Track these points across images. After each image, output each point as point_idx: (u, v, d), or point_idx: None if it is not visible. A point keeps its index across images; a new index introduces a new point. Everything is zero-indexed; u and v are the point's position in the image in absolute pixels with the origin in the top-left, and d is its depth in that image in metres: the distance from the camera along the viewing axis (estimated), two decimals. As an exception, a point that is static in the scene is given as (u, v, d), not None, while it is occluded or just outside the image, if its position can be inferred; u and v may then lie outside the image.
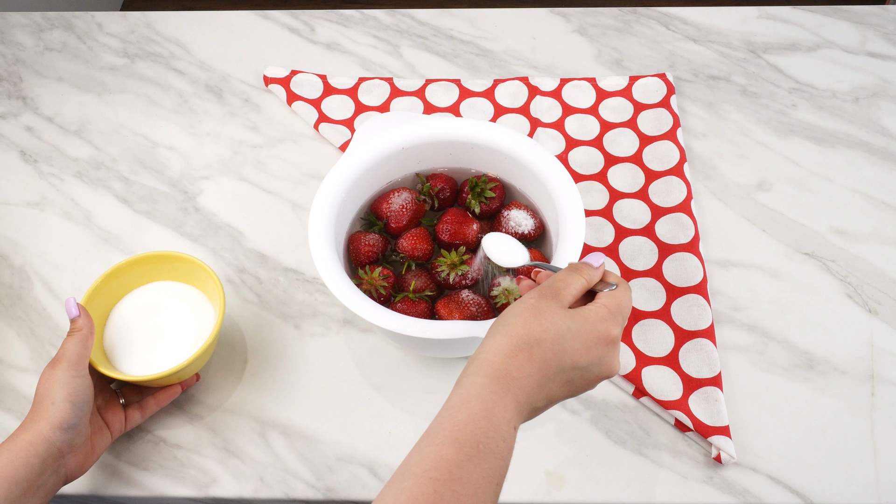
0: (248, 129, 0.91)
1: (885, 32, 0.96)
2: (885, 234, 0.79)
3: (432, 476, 0.41)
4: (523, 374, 0.46)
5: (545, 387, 0.47)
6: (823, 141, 0.86)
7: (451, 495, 0.41)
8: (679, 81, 0.92)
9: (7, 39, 1.01)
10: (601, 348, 0.49)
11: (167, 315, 0.70)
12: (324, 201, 0.67)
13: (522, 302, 0.50)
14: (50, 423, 0.58)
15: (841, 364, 0.71)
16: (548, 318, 0.48)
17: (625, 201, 0.81)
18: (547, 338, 0.47)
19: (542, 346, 0.47)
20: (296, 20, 1.01)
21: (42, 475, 0.57)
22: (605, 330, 0.49)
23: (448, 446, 0.43)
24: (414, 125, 0.71)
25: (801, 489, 0.64)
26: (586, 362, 0.48)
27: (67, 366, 0.60)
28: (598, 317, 0.49)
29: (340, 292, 0.61)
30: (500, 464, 0.44)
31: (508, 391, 0.46)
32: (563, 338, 0.48)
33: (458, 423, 0.44)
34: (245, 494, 0.66)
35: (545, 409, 0.49)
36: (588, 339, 0.48)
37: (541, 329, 0.48)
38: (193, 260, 0.69)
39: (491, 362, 0.47)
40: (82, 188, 0.86)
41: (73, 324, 0.63)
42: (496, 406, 0.45)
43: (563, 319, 0.48)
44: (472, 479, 0.42)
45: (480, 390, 0.45)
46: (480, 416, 0.44)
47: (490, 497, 0.42)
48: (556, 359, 0.47)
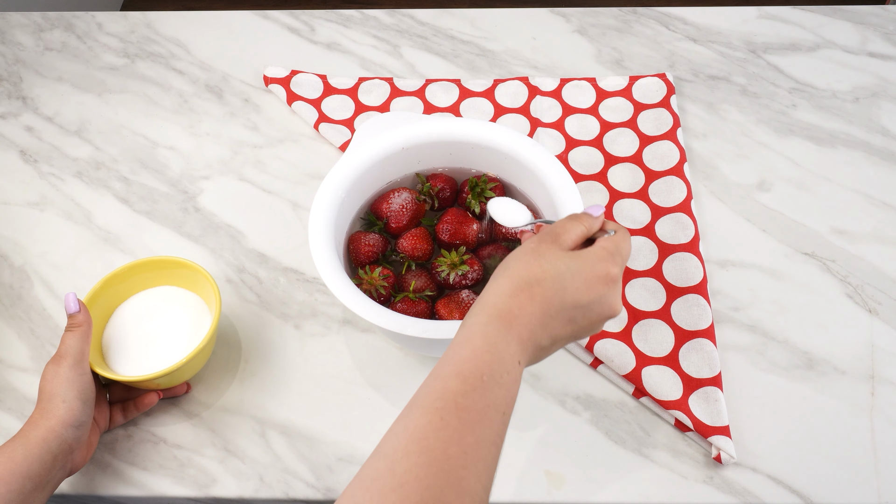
0: (248, 129, 0.91)
1: (885, 32, 0.96)
2: (885, 234, 0.79)
3: (438, 406, 0.42)
4: (525, 312, 0.47)
5: (548, 325, 0.48)
6: (823, 141, 0.86)
7: (458, 422, 0.42)
8: (679, 81, 0.92)
9: (7, 39, 1.01)
10: (601, 287, 0.49)
11: (164, 320, 0.70)
12: (324, 201, 0.67)
13: (523, 247, 0.51)
14: (61, 421, 0.59)
15: (841, 364, 0.71)
16: (547, 258, 0.49)
17: (625, 201, 0.81)
18: (547, 277, 0.48)
19: (543, 285, 0.48)
20: (296, 20, 1.01)
21: (52, 470, 0.58)
22: (604, 269, 0.49)
23: (453, 379, 0.44)
24: (414, 125, 0.71)
25: (801, 489, 0.64)
26: (587, 300, 0.49)
27: (73, 363, 0.61)
28: (597, 256, 0.50)
29: (340, 292, 0.61)
30: (504, 394, 0.44)
31: (511, 329, 0.46)
32: (563, 276, 0.48)
33: (462, 358, 0.45)
34: (245, 494, 0.66)
35: (550, 349, 0.50)
36: (588, 277, 0.49)
37: (540, 269, 0.48)
38: (193, 265, 0.69)
39: (492, 303, 0.47)
40: (82, 188, 0.86)
41: (73, 319, 0.63)
42: (499, 342, 0.46)
43: (563, 260, 0.49)
44: (478, 407, 0.43)
45: (483, 328, 0.46)
46: (483, 350, 0.45)
47: (496, 425, 0.43)
48: (557, 297, 0.48)
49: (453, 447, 0.41)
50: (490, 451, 0.42)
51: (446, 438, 0.41)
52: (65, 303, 0.64)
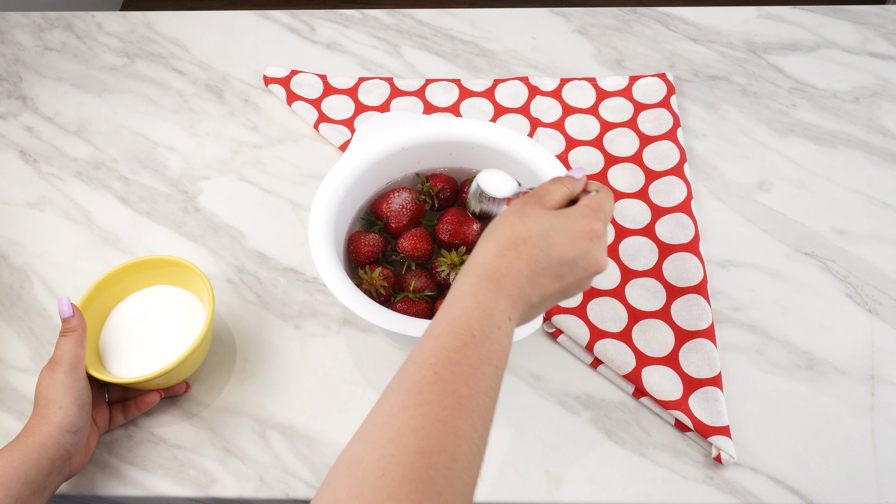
0: (248, 129, 0.91)
1: (886, 32, 0.96)
2: (885, 234, 0.79)
3: (432, 362, 0.43)
4: (513, 270, 0.48)
5: (536, 282, 0.49)
6: (823, 141, 0.86)
7: (451, 375, 0.43)
8: (679, 81, 0.92)
9: (7, 39, 1.01)
10: (586, 242, 0.50)
11: (160, 320, 0.70)
12: (324, 201, 0.67)
13: (508, 209, 0.52)
14: (59, 427, 0.59)
15: (841, 364, 0.71)
16: (531, 218, 0.50)
17: (625, 201, 0.81)
18: (532, 235, 0.49)
19: (529, 244, 0.49)
20: (296, 20, 1.01)
21: (50, 476, 0.58)
22: (587, 225, 0.51)
23: (444, 336, 0.45)
24: (414, 125, 0.71)
25: (801, 489, 0.64)
26: (573, 256, 0.50)
27: (69, 369, 0.61)
28: (580, 213, 0.51)
29: (340, 292, 0.61)
30: (496, 348, 0.45)
31: (500, 287, 0.47)
32: (548, 234, 0.50)
33: (453, 317, 0.46)
34: (245, 494, 0.66)
35: (541, 307, 0.51)
36: (572, 233, 0.50)
37: (525, 228, 0.50)
38: (187, 264, 0.69)
39: (481, 263, 0.49)
40: (82, 188, 0.86)
41: (67, 323, 0.63)
42: (488, 299, 0.47)
43: (547, 218, 0.51)
44: (470, 360, 0.44)
45: (473, 288, 0.47)
46: (473, 308, 0.46)
47: (489, 377, 0.44)
48: (544, 254, 0.49)
49: (448, 398, 0.42)
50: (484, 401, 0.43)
51: (441, 391, 0.42)
52: (58, 307, 0.63)
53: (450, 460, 0.39)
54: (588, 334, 0.71)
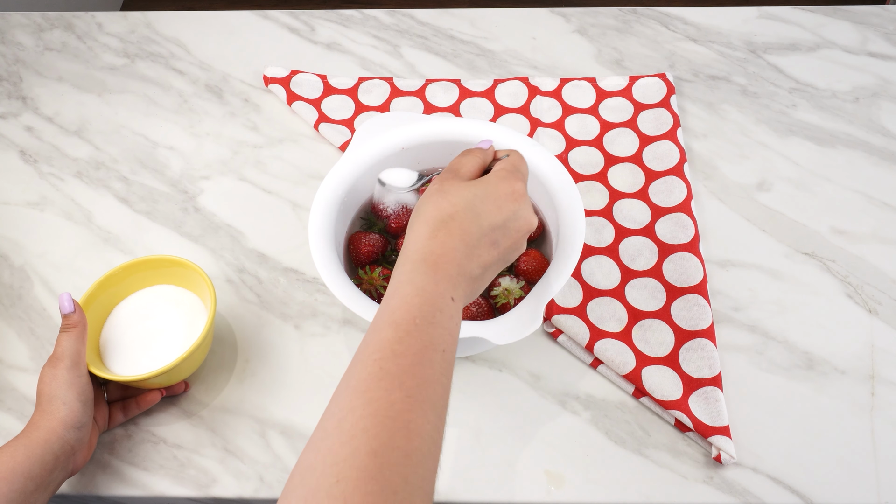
0: (248, 129, 0.91)
1: (885, 32, 0.96)
2: (885, 234, 0.79)
3: (376, 357, 0.43)
4: (448, 248, 0.48)
5: (473, 254, 0.49)
6: (823, 141, 0.86)
7: (397, 368, 0.42)
8: (679, 81, 0.92)
9: (7, 39, 1.01)
10: (511, 203, 0.51)
11: (161, 319, 0.70)
12: (324, 201, 0.67)
13: (427, 190, 0.52)
14: (63, 423, 0.59)
15: (841, 364, 0.71)
16: (453, 193, 0.51)
17: (625, 201, 0.81)
18: (458, 210, 0.50)
19: (457, 218, 0.49)
20: (296, 20, 1.01)
21: (53, 472, 0.58)
22: (508, 187, 0.52)
23: (386, 329, 0.45)
24: (414, 125, 0.71)
25: (801, 489, 0.64)
26: (503, 219, 0.51)
27: (70, 365, 0.61)
28: (499, 177, 0.52)
29: (340, 292, 0.61)
30: (441, 332, 0.45)
31: (437, 269, 0.47)
32: (474, 205, 0.50)
33: (393, 308, 0.46)
34: (245, 494, 0.66)
35: (483, 277, 0.51)
36: (497, 198, 0.51)
37: (450, 204, 0.50)
38: (188, 264, 0.69)
39: (414, 249, 0.49)
40: (82, 188, 0.86)
41: (67, 319, 0.63)
42: (426, 284, 0.47)
43: (468, 189, 0.51)
44: (414, 349, 0.43)
45: (410, 275, 0.47)
46: (412, 295, 0.46)
47: (437, 363, 0.44)
48: (475, 225, 0.50)
49: (395, 392, 0.41)
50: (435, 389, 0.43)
51: (387, 386, 0.42)
52: (59, 303, 0.63)
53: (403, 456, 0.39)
54: (588, 334, 0.71)
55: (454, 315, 0.47)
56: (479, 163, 0.55)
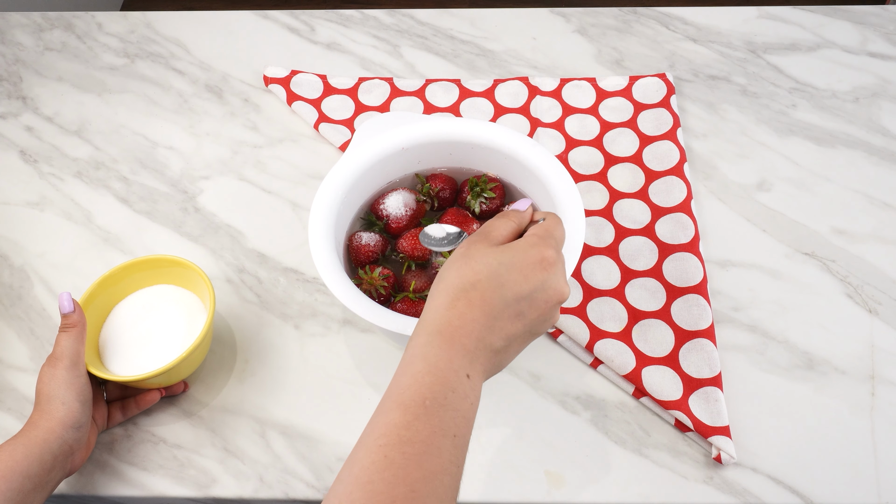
0: (248, 129, 0.91)
1: (885, 32, 0.96)
2: (885, 234, 0.79)
3: (381, 443, 0.41)
4: (467, 320, 0.45)
5: (495, 326, 0.46)
6: (823, 141, 0.86)
7: (402, 458, 0.40)
8: (679, 81, 0.92)
9: (7, 39, 1.01)
10: (540, 273, 0.47)
11: (160, 319, 0.70)
12: (324, 201, 0.67)
13: (454, 254, 0.49)
14: (62, 423, 0.59)
15: (841, 364, 0.71)
16: (478, 259, 0.47)
17: (625, 201, 0.81)
18: (481, 278, 0.46)
19: (479, 287, 0.46)
20: (296, 20, 1.01)
21: (52, 471, 0.58)
22: (538, 254, 0.48)
23: (395, 411, 0.42)
24: (414, 125, 0.71)
25: (801, 489, 0.64)
26: (529, 290, 0.47)
27: (70, 365, 0.61)
28: (528, 244, 0.48)
29: (340, 292, 0.61)
30: (453, 415, 0.42)
31: (453, 342, 0.44)
32: (498, 273, 0.47)
33: (403, 386, 0.43)
34: (245, 494, 0.66)
35: (508, 351, 0.48)
36: (524, 266, 0.47)
37: (473, 271, 0.47)
38: (188, 264, 0.69)
39: (431, 320, 0.46)
40: (82, 188, 0.86)
41: (67, 319, 0.63)
42: (440, 360, 0.44)
43: (495, 255, 0.48)
44: (422, 437, 0.41)
45: (423, 349, 0.44)
46: (424, 373, 0.43)
47: (446, 451, 0.41)
48: (497, 295, 0.46)
49: (399, 487, 0.39)
50: (442, 480, 0.40)
51: (391, 479, 0.39)
52: (59, 303, 0.63)
53: None
54: (588, 334, 0.71)
55: (469, 394, 0.44)
56: (513, 227, 0.51)
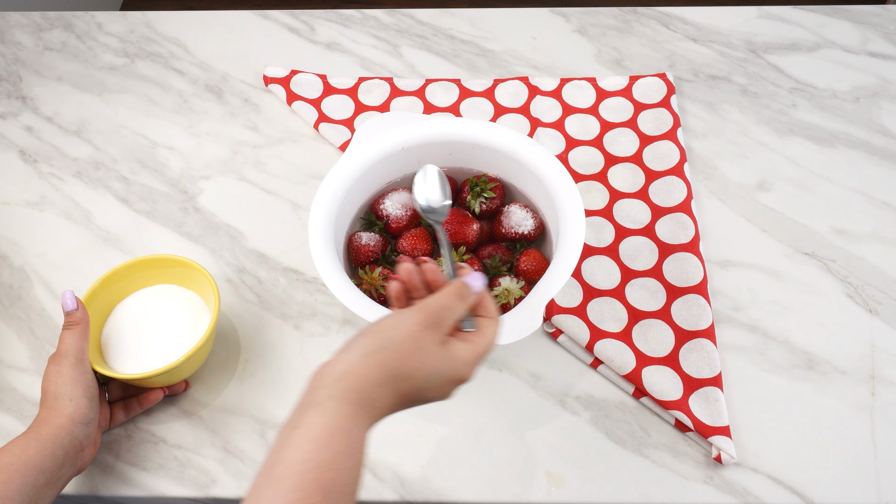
0: (248, 129, 0.91)
1: (886, 32, 0.96)
2: (885, 234, 0.79)
3: None
4: (384, 403, 0.47)
5: (396, 408, 0.49)
6: (824, 141, 0.86)
7: None
8: (679, 81, 0.92)
9: (7, 39, 1.01)
10: (454, 386, 0.50)
11: (163, 318, 0.70)
12: (324, 201, 0.67)
13: (406, 325, 0.49)
14: (71, 419, 0.59)
15: (841, 364, 0.71)
16: (425, 354, 0.48)
17: (625, 201, 0.81)
18: (417, 376, 0.48)
19: (409, 382, 0.48)
20: (296, 20, 1.01)
21: (63, 467, 0.58)
22: (465, 373, 0.50)
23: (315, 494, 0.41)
24: (414, 125, 0.71)
25: (801, 489, 0.64)
26: (437, 396, 0.50)
27: (75, 362, 0.61)
28: (464, 363, 0.50)
29: (340, 292, 0.61)
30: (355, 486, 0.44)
31: (368, 416, 0.46)
32: (429, 379, 0.49)
33: (325, 465, 0.42)
34: (245, 494, 0.66)
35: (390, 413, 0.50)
36: (449, 380, 0.50)
37: (414, 367, 0.48)
38: (192, 264, 0.69)
39: (359, 388, 0.46)
40: (82, 188, 0.86)
41: (70, 317, 0.63)
42: (358, 435, 0.45)
43: (437, 361, 0.49)
44: None
45: (348, 421, 0.44)
46: (346, 455, 0.43)
47: None
48: (416, 394, 0.49)
49: None
50: None
51: None
52: (62, 300, 0.64)
53: None
54: (588, 334, 0.71)
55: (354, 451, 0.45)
56: (461, 314, 0.51)
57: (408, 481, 0.66)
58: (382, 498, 0.65)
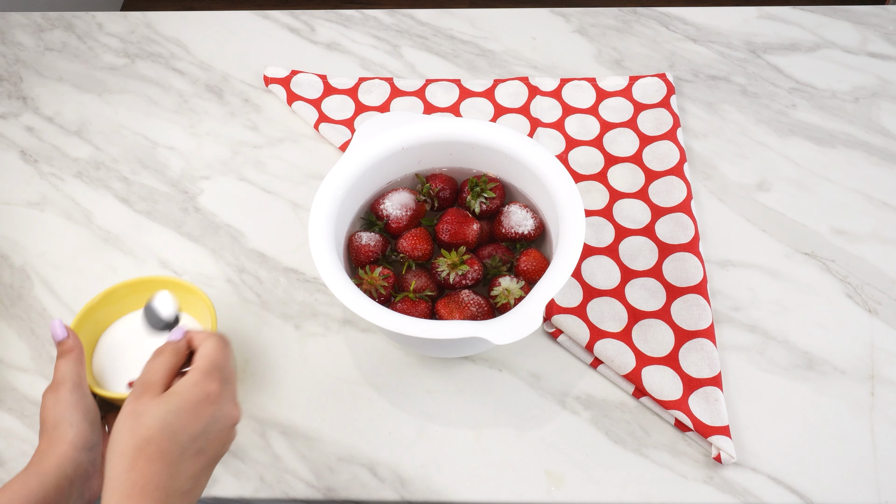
0: (248, 129, 0.91)
1: (885, 32, 0.96)
2: (885, 234, 0.79)
3: None
4: (149, 475, 0.47)
5: (178, 472, 0.49)
6: (823, 141, 0.86)
7: None
8: (679, 81, 0.92)
9: (7, 39, 1.01)
10: (209, 408, 0.51)
11: (157, 341, 0.68)
12: (324, 201, 0.67)
13: (122, 412, 0.51)
14: (73, 445, 0.56)
15: (841, 364, 0.71)
16: (147, 414, 0.49)
17: (625, 201, 0.81)
18: (154, 432, 0.49)
19: (154, 441, 0.48)
20: (296, 20, 1.01)
21: (69, 498, 0.56)
22: (202, 392, 0.51)
23: None
24: (414, 125, 0.71)
25: (801, 489, 0.64)
26: (202, 427, 0.50)
27: (73, 387, 0.59)
28: (191, 382, 0.51)
29: (340, 292, 0.61)
30: None
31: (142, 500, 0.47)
32: (169, 422, 0.49)
33: None
34: (245, 494, 0.66)
35: (198, 485, 0.51)
36: (191, 408, 0.50)
37: (145, 428, 0.49)
38: (187, 285, 0.68)
39: (116, 487, 0.47)
40: (82, 188, 0.86)
41: (62, 345, 0.60)
42: None
43: (161, 406, 0.50)
44: None
45: None
46: None
47: None
48: (174, 443, 0.49)
49: None
50: None
51: None
52: (51, 330, 0.60)
53: None
54: (588, 334, 0.71)
55: None
56: (170, 364, 0.53)
57: (408, 481, 0.66)
58: (382, 498, 0.65)
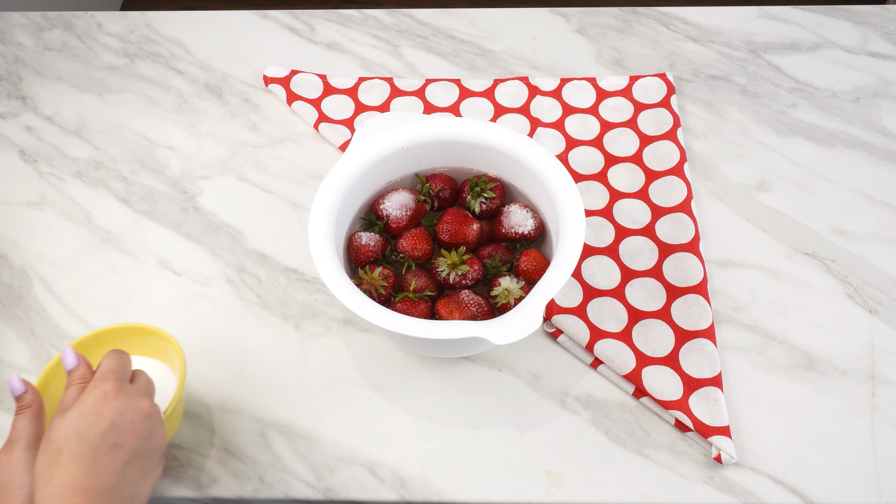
0: (248, 129, 0.91)
1: (886, 32, 0.96)
2: (886, 234, 0.79)
3: None
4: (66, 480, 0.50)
5: (96, 468, 0.51)
6: (823, 141, 0.86)
7: None
8: (679, 81, 0.92)
9: (7, 39, 1.01)
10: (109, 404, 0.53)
11: None
12: (324, 201, 0.67)
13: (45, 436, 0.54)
14: None
15: (841, 364, 0.71)
16: (53, 429, 0.53)
17: (625, 201, 0.81)
18: (62, 442, 0.52)
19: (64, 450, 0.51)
20: (296, 20, 1.01)
21: None
22: (98, 393, 0.54)
23: None
24: (414, 125, 0.71)
25: (801, 489, 0.64)
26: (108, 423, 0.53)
27: (27, 446, 0.55)
28: (88, 390, 0.55)
29: (340, 292, 0.61)
30: None
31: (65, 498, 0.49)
32: (74, 427, 0.52)
33: None
34: (245, 494, 0.66)
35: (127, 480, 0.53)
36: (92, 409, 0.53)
37: (54, 441, 0.52)
38: (154, 330, 0.65)
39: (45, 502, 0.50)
40: (82, 188, 0.86)
41: (20, 401, 0.58)
42: None
43: (64, 419, 0.53)
44: None
45: None
46: None
47: None
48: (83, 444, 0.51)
49: None
50: None
51: None
52: (9, 385, 0.58)
53: None
54: (588, 334, 0.71)
55: None
56: (76, 389, 0.56)
57: (408, 481, 0.66)
58: (382, 498, 0.65)
